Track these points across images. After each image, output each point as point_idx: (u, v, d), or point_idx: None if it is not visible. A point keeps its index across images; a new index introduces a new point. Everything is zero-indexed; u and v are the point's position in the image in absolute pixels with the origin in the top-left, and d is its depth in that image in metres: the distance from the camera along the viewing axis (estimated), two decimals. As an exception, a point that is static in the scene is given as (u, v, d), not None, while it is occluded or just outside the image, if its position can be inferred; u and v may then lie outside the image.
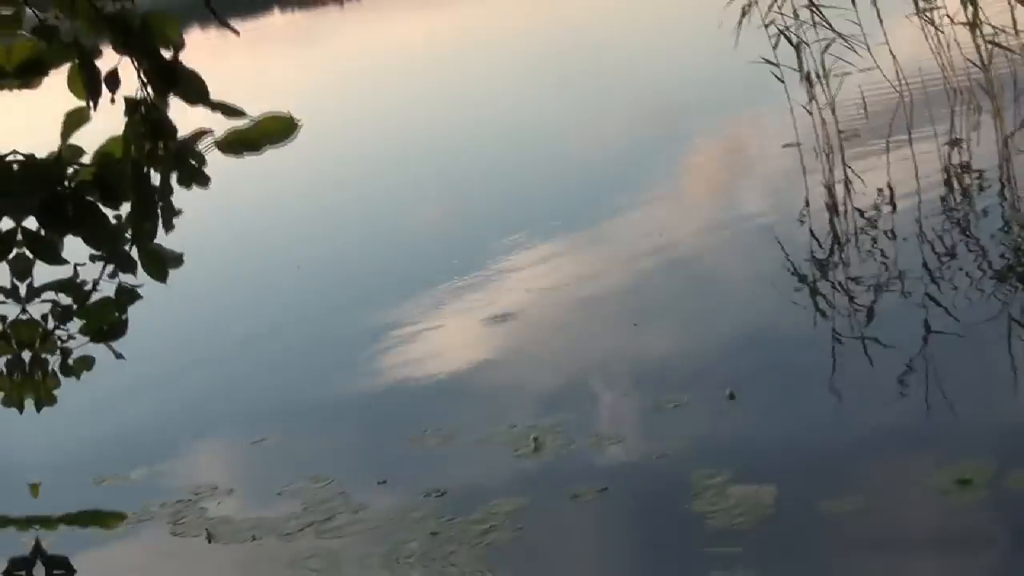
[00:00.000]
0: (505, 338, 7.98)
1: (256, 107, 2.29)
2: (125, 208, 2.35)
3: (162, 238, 2.35)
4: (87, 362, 2.61)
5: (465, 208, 11.57)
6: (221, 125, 2.27)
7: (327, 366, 8.23)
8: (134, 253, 2.38)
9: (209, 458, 7.23)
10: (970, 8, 10.86)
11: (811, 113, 11.30)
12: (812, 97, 11.32)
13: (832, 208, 9.28)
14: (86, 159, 2.39)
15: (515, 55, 22.94)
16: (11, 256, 2.47)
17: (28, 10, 2.36)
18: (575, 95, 16.74)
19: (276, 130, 2.32)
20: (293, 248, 11.44)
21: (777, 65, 11.27)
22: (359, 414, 7.36)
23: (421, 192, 12.68)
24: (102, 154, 2.38)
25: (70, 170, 2.38)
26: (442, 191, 12.54)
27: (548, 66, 19.98)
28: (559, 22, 27.23)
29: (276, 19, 53.92)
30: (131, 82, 2.23)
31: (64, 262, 2.45)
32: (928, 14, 11.49)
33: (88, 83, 2.27)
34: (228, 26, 2.30)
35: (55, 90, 2.42)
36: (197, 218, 2.35)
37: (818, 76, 11.35)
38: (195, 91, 2.22)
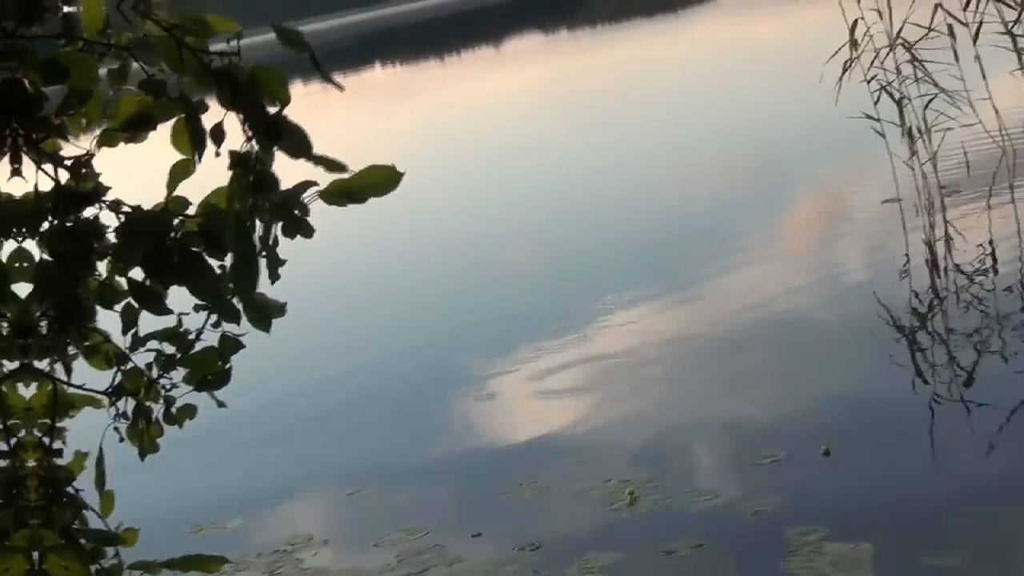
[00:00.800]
0: (601, 394, 7.97)
1: (357, 159, 2.32)
2: (230, 259, 2.38)
3: (266, 286, 2.38)
4: (190, 411, 2.65)
5: (564, 265, 11.56)
6: (322, 176, 2.30)
7: (422, 420, 8.25)
8: (238, 303, 2.41)
9: (305, 509, 7.27)
10: (1074, 63, 10.74)
11: (912, 168, 11.23)
12: (913, 152, 11.26)
13: (932, 265, 9.19)
14: (191, 210, 2.43)
15: (616, 110, 22.99)
16: (118, 306, 2.52)
17: (135, 64, 2.41)
18: (675, 150, 16.77)
19: (379, 181, 2.34)
20: (389, 303, 11.50)
21: (878, 120, 11.23)
22: (454, 467, 7.37)
23: (519, 248, 12.72)
24: (207, 205, 2.42)
25: (176, 221, 2.43)
26: (541, 246, 12.56)
27: (649, 121, 20.03)
28: (660, 76, 27.28)
29: (377, 73, 54.54)
30: (235, 134, 2.27)
31: (169, 312, 2.49)
32: (1031, 69, 11.39)
33: (194, 137, 2.31)
34: (332, 81, 2.33)
35: (150, 142, 2.46)
36: (295, 268, 2.38)
37: (919, 131, 11.29)
38: (299, 145, 2.25)
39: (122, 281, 2.50)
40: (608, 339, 8.90)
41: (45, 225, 2.37)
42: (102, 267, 2.48)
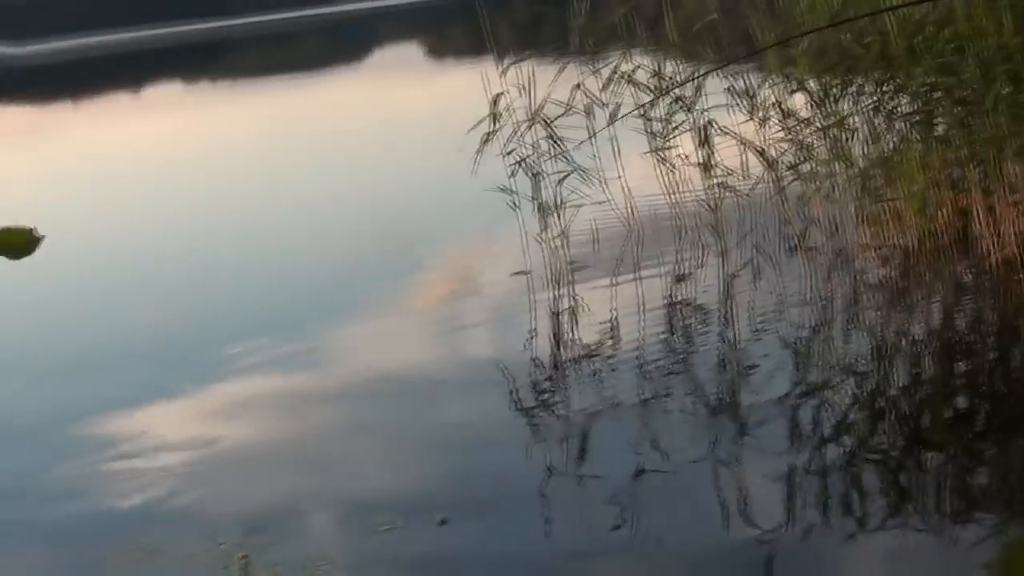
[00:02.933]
0: (217, 455, 7.73)
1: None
2: None
3: None
4: None
5: (185, 319, 11.23)
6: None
7: (29, 478, 7.81)
8: None
9: None
10: (704, 150, 11.19)
11: (543, 243, 11.44)
12: (545, 227, 11.49)
13: (557, 338, 9.33)
14: None
15: (251, 167, 22.69)
16: None
17: None
18: (308, 212, 16.59)
19: (12, 244, 2.12)
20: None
21: (514, 193, 11.42)
22: (58, 529, 7.00)
23: (140, 302, 12.25)
24: None
25: None
26: (161, 300, 12.16)
27: (285, 181, 19.81)
28: (299, 135, 27.11)
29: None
30: None
31: None
32: (663, 153, 11.82)
33: None
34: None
35: None
36: None
37: (553, 207, 11.53)
38: None
39: None
40: (224, 400, 8.66)
41: None
42: None
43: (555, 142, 11.75)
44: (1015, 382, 7.34)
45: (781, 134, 11.21)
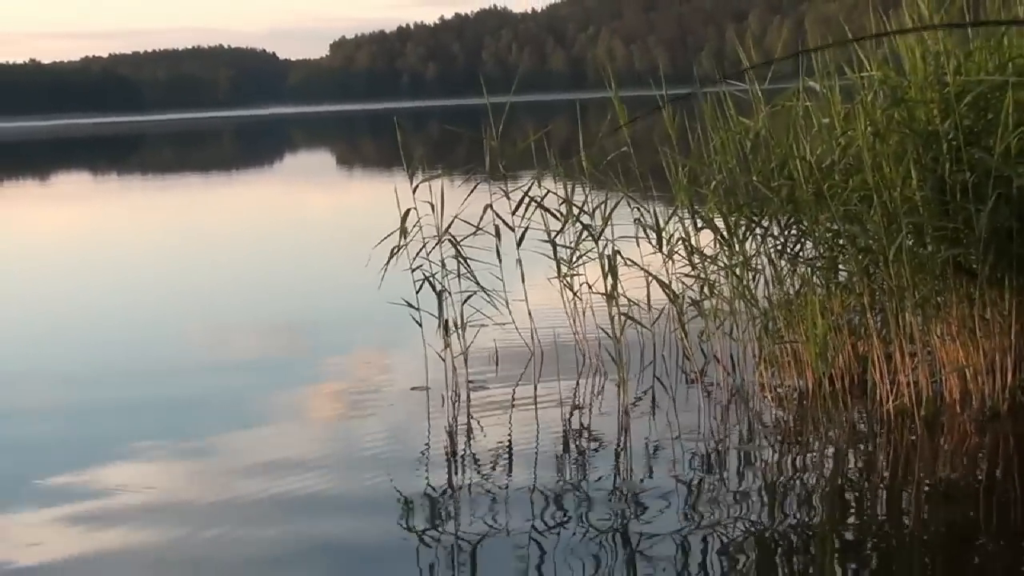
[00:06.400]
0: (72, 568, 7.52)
1: None
2: None
3: None
4: None
5: (58, 419, 10.95)
6: None
7: None
8: None
9: None
10: (609, 280, 11.26)
11: (444, 360, 11.46)
12: (447, 344, 11.52)
13: (451, 455, 9.27)
14: None
15: (149, 265, 22.45)
16: None
17: None
18: (204, 312, 16.47)
19: None
20: None
21: (418, 309, 11.45)
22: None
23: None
24: None
25: None
26: (29, 399, 11.87)
27: (187, 285, 19.60)
28: (204, 237, 26.98)
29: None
30: None
31: None
32: (568, 279, 11.89)
33: None
34: None
35: None
36: None
37: (455, 325, 11.56)
38: None
39: None
40: (92, 509, 8.40)
41: None
42: None
43: (462, 261, 11.81)
44: (899, 529, 7.38)
45: (686, 269, 11.32)
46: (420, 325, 11.51)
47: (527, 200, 11.99)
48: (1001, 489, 7.97)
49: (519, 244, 11.94)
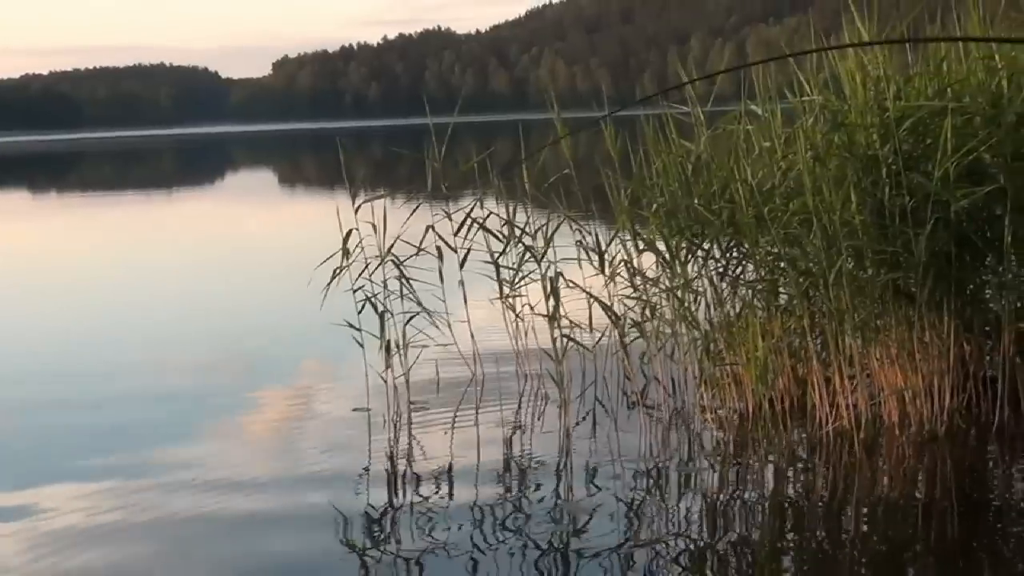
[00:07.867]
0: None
1: None
2: None
3: None
4: None
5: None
6: None
7: None
8: None
9: None
10: (551, 302, 11.29)
11: (385, 381, 11.44)
12: (389, 365, 11.50)
13: (392, 475, 9.26)
14: None
15: (86, 287, 22.25)
16: None
17: None
18: (143, 329, 16.34)
19: None
20: None
21: (360, 330, 11.43)
22: None
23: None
24: None
25: None
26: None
27: (118, 305, 19.43)
28: (140, 256, 26.76)
29: None
30: None
31: None
32: (511, 300, 11.91)
33: None
34: None
35: None
36: None
37: (397, 346, 11.55)
38: None
39: None
40: (31, 531, 8.33)
41: None
42: None
43: (404, 282, 11.81)
44: (838, 547, 7.44)
45: (628, 291, 11.36)
46: (362, 346, 11.50)
47: (469, 221, 12.01)
48: (939, 509, 8.05)
49: (462, 265, 11.96)
